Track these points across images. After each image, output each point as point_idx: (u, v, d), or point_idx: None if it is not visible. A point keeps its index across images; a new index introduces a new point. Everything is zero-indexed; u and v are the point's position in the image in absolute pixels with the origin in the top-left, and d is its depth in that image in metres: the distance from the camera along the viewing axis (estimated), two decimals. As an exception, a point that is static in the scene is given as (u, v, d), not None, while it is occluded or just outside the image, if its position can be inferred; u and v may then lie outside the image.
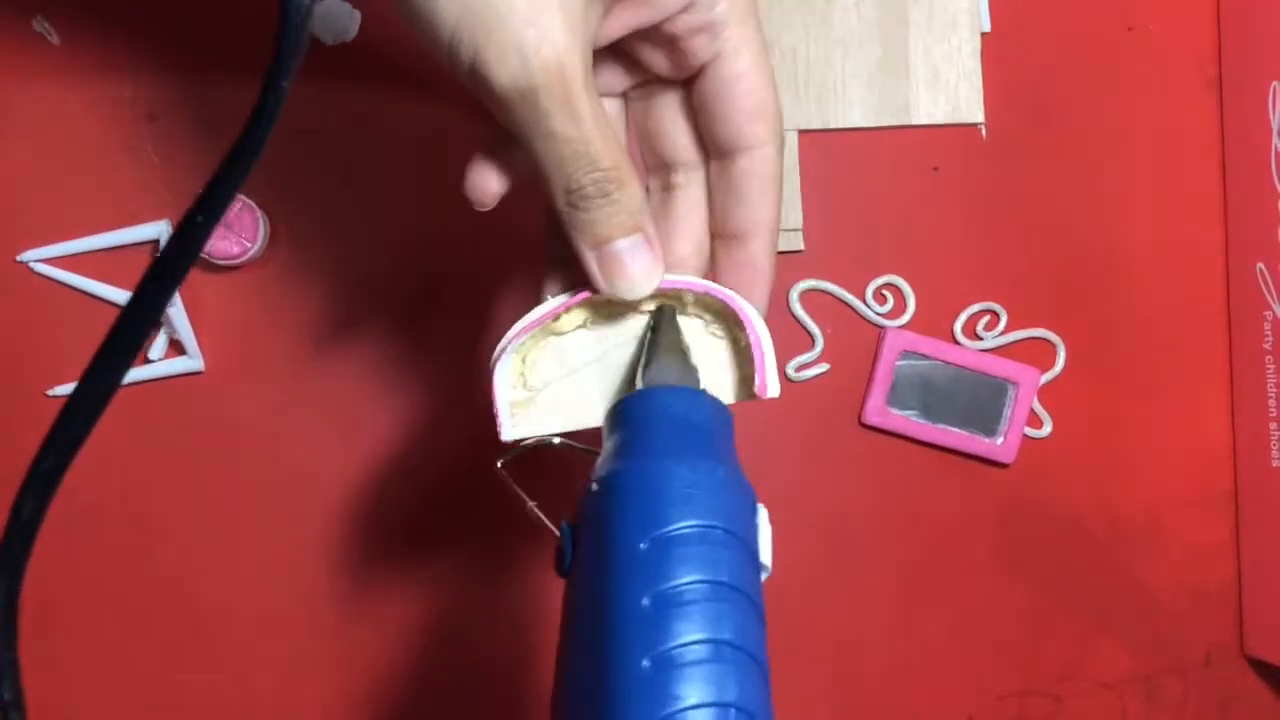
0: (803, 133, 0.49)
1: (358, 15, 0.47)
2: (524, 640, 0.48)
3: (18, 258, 0.47)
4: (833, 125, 0.49)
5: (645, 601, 0.24)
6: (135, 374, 0.47)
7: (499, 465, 0.31)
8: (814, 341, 0.49)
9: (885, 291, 0.49)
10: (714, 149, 0.32)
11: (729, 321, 0.33)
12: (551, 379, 0.32)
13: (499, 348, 0.32)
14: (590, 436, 0.32)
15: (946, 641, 0.49)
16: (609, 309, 0.32)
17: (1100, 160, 0.50)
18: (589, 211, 0.29)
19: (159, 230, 0.46)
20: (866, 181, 0.49)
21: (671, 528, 0.25)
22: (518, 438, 0.32)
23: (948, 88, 0.49)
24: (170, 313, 0.46)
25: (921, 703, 0.49)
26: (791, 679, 0.49)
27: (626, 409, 0.29)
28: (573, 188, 0.29)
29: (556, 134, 0.28)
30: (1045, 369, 0.50)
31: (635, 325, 0.33)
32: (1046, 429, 0.50)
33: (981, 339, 0.50)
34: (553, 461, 0.32)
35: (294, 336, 0.48)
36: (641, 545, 0.25)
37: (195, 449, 0.47)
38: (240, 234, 0.46)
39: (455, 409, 0.48)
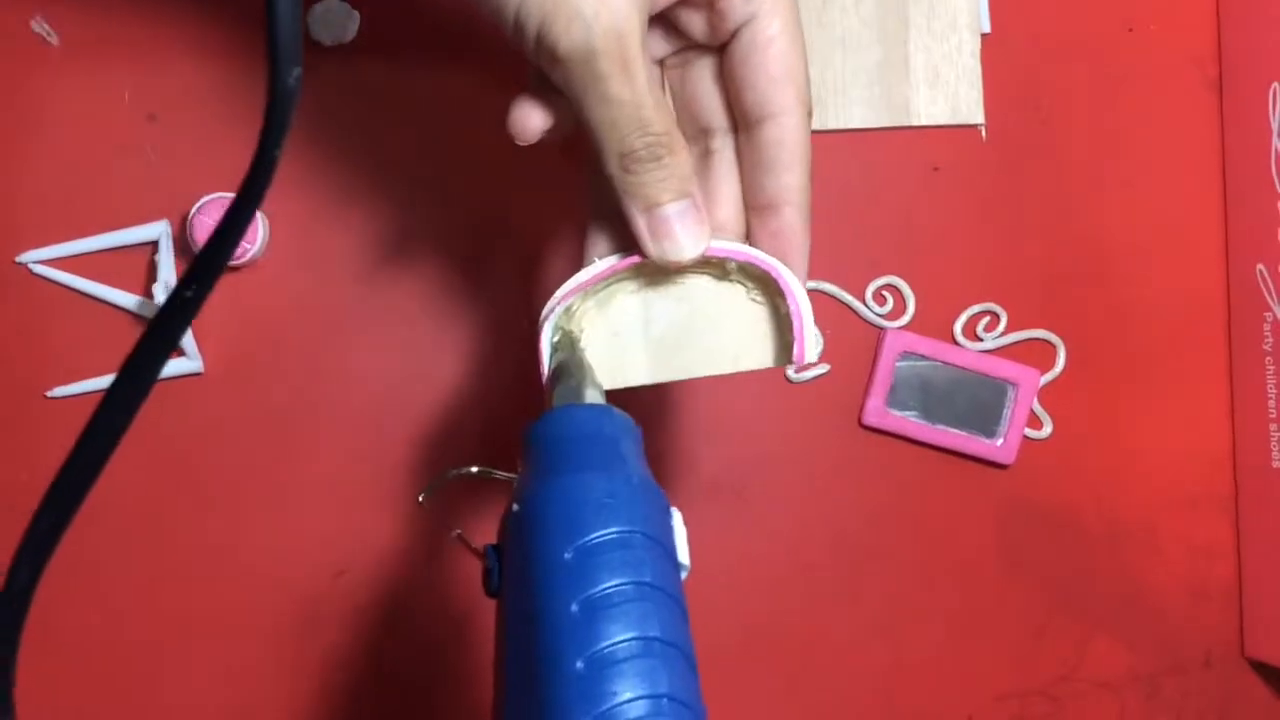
0: (803, 133, 0.49)
1: (357, 15, 0.47)
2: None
3: (17, 258, 0.47)
4: (833, 125, 0.49)
5: (574, 608, 0.25)
6: (135, 374, 0.47)
7: (419, 500, 0.32)
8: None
9: (885, 292, 0.49)
10: (742, 119, 0.33)
11: (769, 289, 0.33)
12: (596, 341, 0.33)
13: (547, 307, 0.33)
14: (507, 464, 0.33)
15: (946, 642, 0.49)
16: (652, 271, 0.33)
17: (1100, 160, 0.50)
18: (641, 175, 0.31)
19: (159, 231, 0.46)
20: (866, 182, 0.49)
21: (593, 536, 0.26)
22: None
23: (948, 88, 0.49)
24: (170, 313, 0.46)
25: (921, 703, 0.49)
26: (791, 679, 0.49)
27: (539, 431, 0.30)
28: (626, 150, 0.30)
29: (613, 97, 0.29)
30: (1045, 370, 0.50)
31: (677, 288, 0.34)
32: (1046, 430, 0.50)
33: (981, 340, 0.50)
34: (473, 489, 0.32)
35: (294, 336, 0.48)
36: (566, 555, 0.26)
37: (195, 449, 0.47)
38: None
39: (455, 408, 0.48)
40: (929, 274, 0.49)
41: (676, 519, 0.29)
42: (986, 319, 0.50)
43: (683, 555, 0.28)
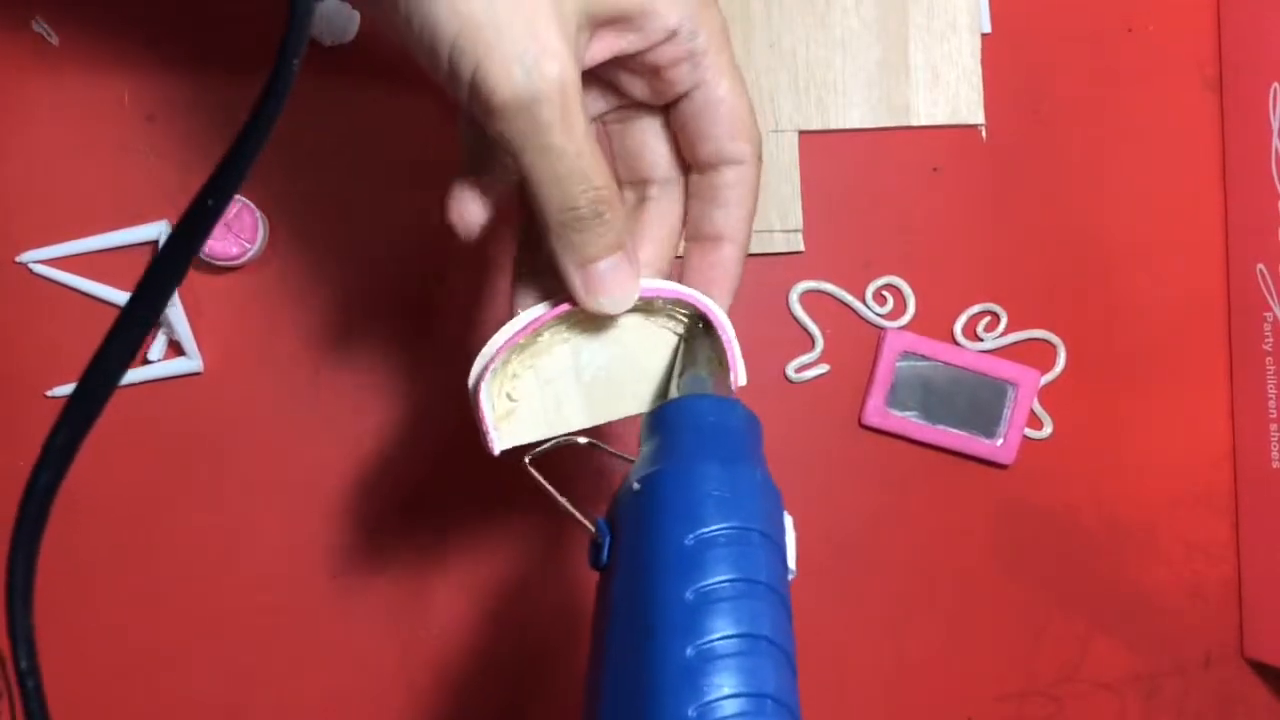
0: (803, 133, 0.49)
1: (357, 15, 0.47)
2: (538, 634, 0.48)
3: (17, 258, 0.47)
4: (833, 126, 0.49)
5: (689, 595, 0.25)
6: (135, 375, 0.47)
7: (526, 461, 0.32)
8: (814, 342, 0.49)
9: (885, 292, 0.49)
10: (695, 165, 0.34)
11: (693, 319, 0.34)
12: (530, 390, 0.33)
13: (479, 365, 0.32)
14: (613, 439, 0.33)
15: (945, 642, 0.49)
16: (582, 319, 0.33)
17: (1100, 160, 0.50)
18: (582, 232, 0.30)
19: (159, 230, 0.46)
20: (866, 182, 0.49)
21: (714, 527, 0.26)
22: (505, 448, 0.33)
23: (948, 88, 0.49)
24: (169, 313, 0.46)
25: (920, 704, 0.49)
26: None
27: (666, 415, 0.30)
28: (568, 206, 0.29)
29: (554, 147, 0.28)
30: (1045, 370, 0.50)
31: (606, 332, 0.34)
32: (1046, 430, 0.50)
33: (981, 340, 0.50)
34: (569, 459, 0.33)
35: (293, 336, 0.48)
36: (686, 542, 0.26)
37: (195, 449, 0.47)
38: (240, 234, 0.46)
39: (455, 407, 0.48)
40: (929, 274, 0.49)
41: (788, 522, 0.29)
42: (986, 319, 0.50)
43: (791, 560, 0.28)
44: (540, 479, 0.31)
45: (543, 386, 0.33)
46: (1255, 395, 0.49)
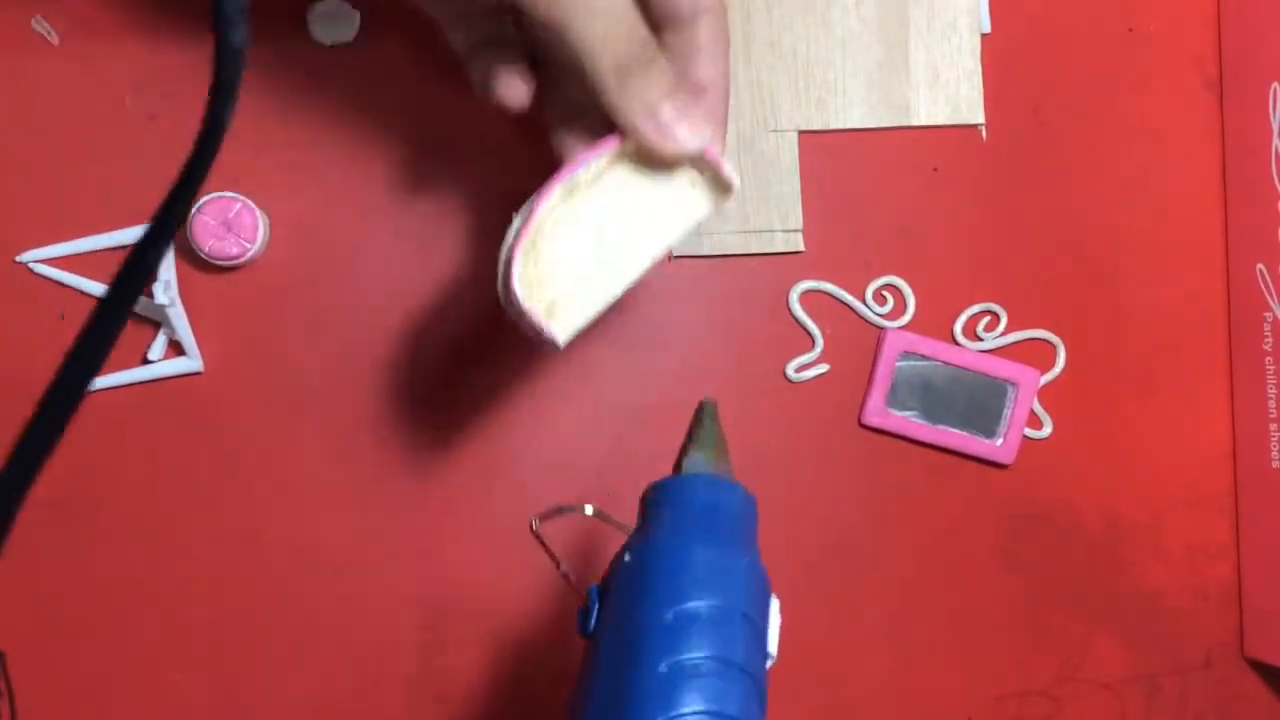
0: (803, 133, 0.49)
1: (357, 15, 0.47)
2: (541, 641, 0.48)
3: (17, 258, 0.47)
4: (833, 126, 0.49)
5: (663, 668, 0.26)
6: (135, 374, 0.47)
7: (532, 526, 0.33)
8: (814, 342, 0.49)
9: (885, 292, 0.49)
10: (670, 21, 0.35)
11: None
12: (558, 275, 0.34)
13: (504, 259, 0.33)
14: (617, 508, 0.34)
15: (945, 642, 0.49)
16: (571, 191, 0.34)
17: (1100, 160, 0.50)
18: (640, 78, 0.32)
19: (159, 230, 0.46)
20: (866, 182, 0.49)
21: (695, 603, 0.28)
22: (567, 339, 0.34)
23: (948, 88, 0.49)
24: (170, 313, 0.46)
25: (920, 703, 0.49)
26: (790, 680, 0.49)
27: (665, 493, 0.31)
28: (621, 61, 0.31)
29: (600, 8, 0.30)
30: (1045, 369, 0.50)
31: (603, 192, 0.35)
32: (1046, 430, 0.50)
33: (981, 340, 0.50)
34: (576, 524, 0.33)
35: (294, 336, 0.48)
36: (666, 616, 0.27)
37: (195, 449, 0.47)
38: (240, 234, 0.46)
39: (457, 405, 0.48)
40: (929, 274, 0.49)
41: (774, 606, 0.30)
42: (986, 319, 0.50)
43: (772, 644, 0.29)
44: (544, 543, 0.31)
45: (569, 266, 0.34)
46: (1255, 395, 0.49)
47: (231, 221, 0.45)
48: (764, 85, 0.49)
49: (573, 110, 0.37)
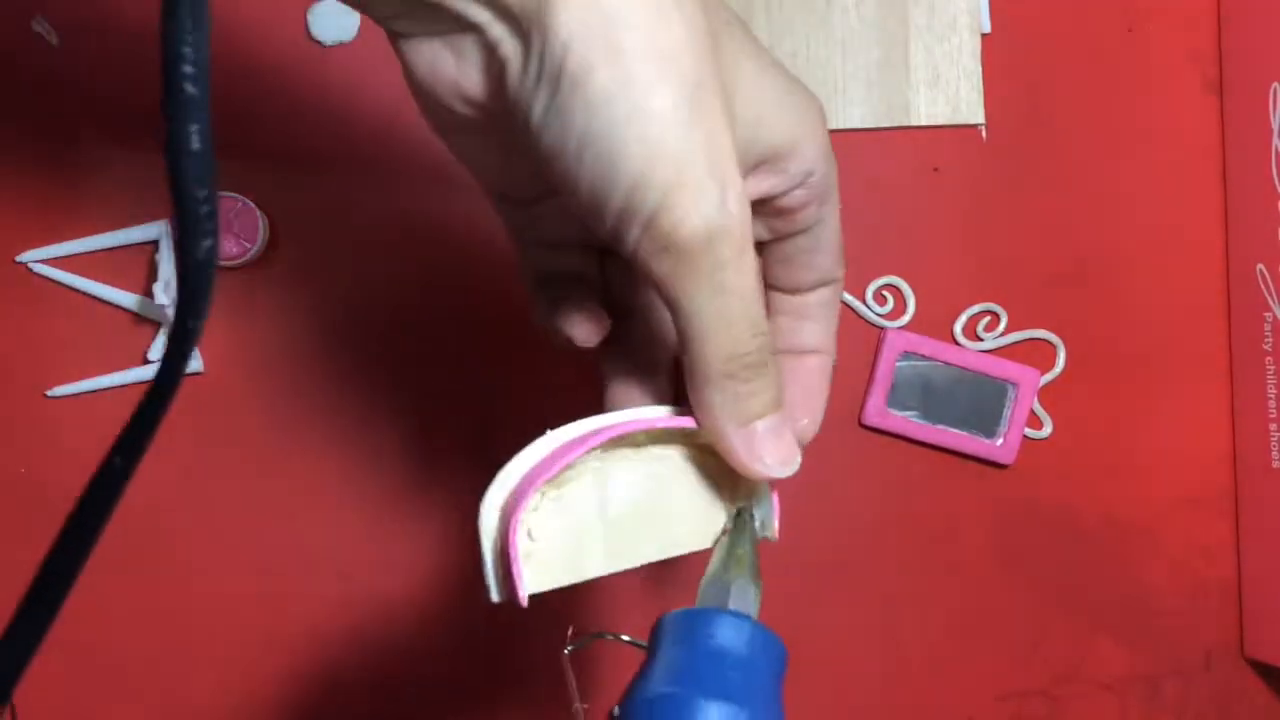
0: (803, 133, 0.49)
1: (357, 15, 0.47)
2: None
3: (17, 258, 0.47)
4: (833, 126, 0.49)
5: None
6: (135, 374, 0.47)
7: (565, 653, 0.30)
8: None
9: (885, 292, 0.49)
10: (793, 289, 0.33)
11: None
12: (550, 525, 0.29)
13: (502, 490, 0.29)
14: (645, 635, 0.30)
15: (945, 642, 0.49)
16: (617, 445, 0.30)
17: (1100, 160, 0.50)
18: (749, 382, 0.28)
19: (158, 230, 0.46)
20: (866, 182, 0.49)
21: None
22: (531, 593, 0.28)
23: (948, 88, 0.49)
24: (169, 313, 0.46)
25: (920, 703, 0.49)
26: (790, 679, 0.49)
27: (672, 629, 0.27)
28: (738, 352, 0.27)
29: (730, 287, 0.26)
30: (1045, 369, 0.50)
31: (643, 464, 0.30)
32: (1046, 430, 0.50)
33: (981, 340, 0.50)
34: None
35: (294, 336, 0.48)
36: None
37: (195, 449, 0.47)
38: (240, 234, 0.46)
39: (457, 406, 0.48)
40: (929, 274, 0.49)
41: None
42: (986, 319, 0.50)
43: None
44: (570, 675, 0.28)
45: (565, 521, 0.29)
46: (1255, 395, 0.49)
47: (231, 221, 0.45)
48: (764, 85, 0.48)
49: (638, 366, 0.33)
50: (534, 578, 0.28)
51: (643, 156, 0.25)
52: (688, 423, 0.30)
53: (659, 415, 0.31)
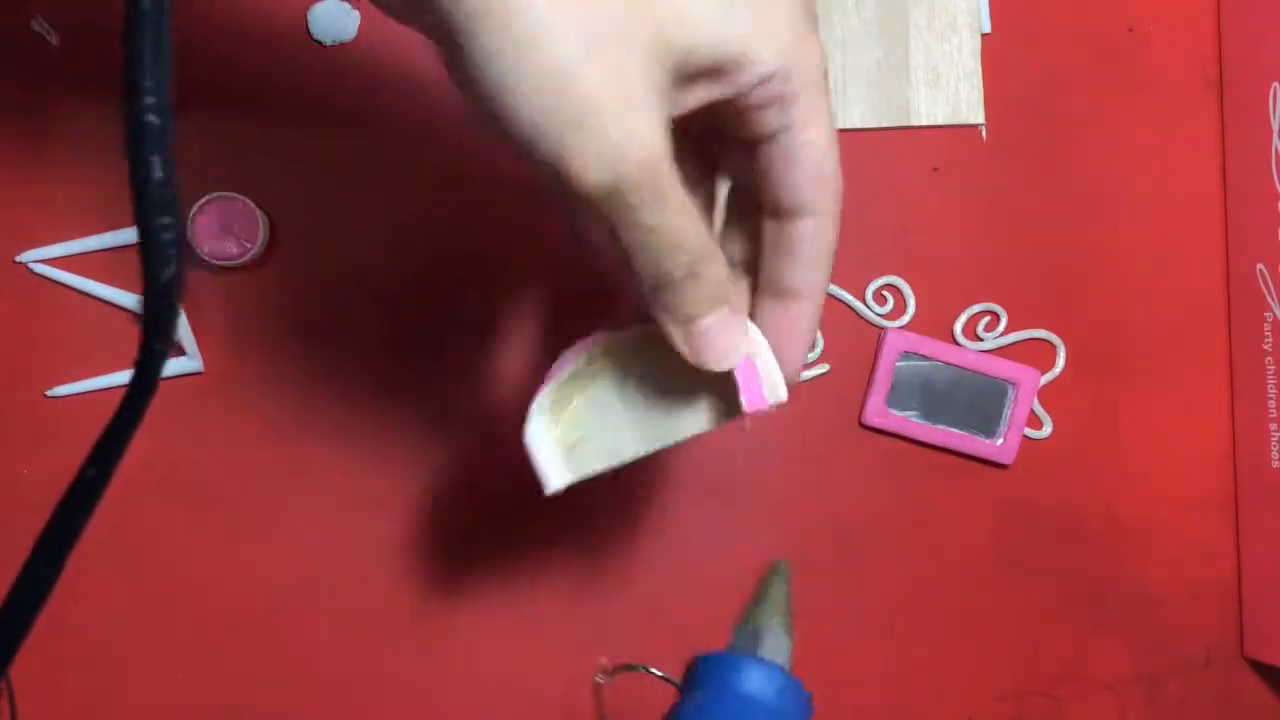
0: (803, 133, 0.49)
1: (357, 15, 0.47)
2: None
3: (17, 258, 0.47)
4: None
5: None
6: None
7: (598, 680, 0.30)
8: (814, 342, 0.49)
9: (885, 292, 0.49)
10: (772, 210, 0.32)
11: None
12: (583, 420, 0.33)
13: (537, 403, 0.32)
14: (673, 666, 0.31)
15: (945, 642, 0.49)
16: (622, 345, 0.33)
17: (1100, 160, 0.50)
18: (677, 294, 0.29)
19: (159, 230, 0.46)
20: (866, 182, 0.49)
21: None
22: (564, 485, 0.32)
23: (948, 88, 0.49)
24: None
25: (920, 703, 0.49)
26: (791, 679, 0.49)
27: (702, 669, 0.28)
28: (661, 274, 0.28)
29: (644, 225, 0.27)
30: (1045, 369, 0.50)
31: (653, 359, 0.33)
32: (1046, 430, 0.50)
33: (981, 340, 0.50)
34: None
35: (294, 336, 0.48)
36: None
37: (194, 449, 0.47)
38: (240, 234, 0.46)
39: (457, 407, 0.48)
40: (929, 274, 0.49)
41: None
42: (986, 319, 0.50)
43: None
44: (600, 700, 0.29)
45: (593, 413, 0.33)
46: (1255, 395, 0.49)
47: (231, 221, 0.45)
48: (764, 85, 0.49)
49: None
50: (578, 465, 0.32)
51: (537, 109, 0.25)
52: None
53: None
